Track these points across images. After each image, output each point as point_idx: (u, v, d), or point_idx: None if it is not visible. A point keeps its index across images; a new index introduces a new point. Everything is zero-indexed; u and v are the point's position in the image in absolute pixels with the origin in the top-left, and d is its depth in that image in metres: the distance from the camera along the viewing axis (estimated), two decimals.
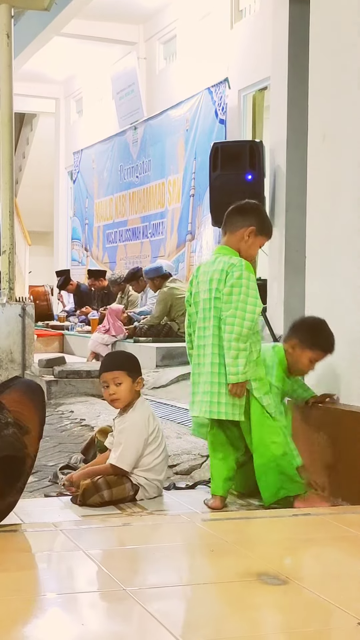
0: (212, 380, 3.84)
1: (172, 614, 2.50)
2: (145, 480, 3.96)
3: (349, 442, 3.97)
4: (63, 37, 13.38)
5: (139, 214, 13.70)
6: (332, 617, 2.46)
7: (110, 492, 3.85)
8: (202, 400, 3.88)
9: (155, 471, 4.00)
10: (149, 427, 3.99)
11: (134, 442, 3.93)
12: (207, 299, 3.90)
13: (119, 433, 3.99)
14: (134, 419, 3.99)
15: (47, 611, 2.51)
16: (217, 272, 3.88)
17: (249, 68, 10.58)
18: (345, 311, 4.12)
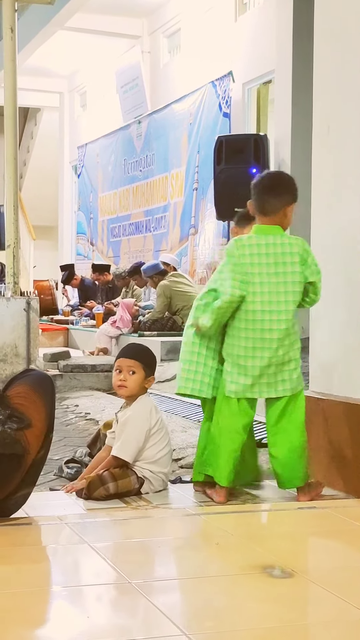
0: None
1: (178, 607, 2.51)
2: (150, 472, 3.96)
3: (355, 435, 3.97)
4: (67, 31, 13.37)
5: (142, 208, 13.70)
6: (338, 610, 2.46)
7: (115, 484, 3.86)
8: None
9: (160, 464, 4.00)
10: (151, 419, 3.99)
11: (134, 433, 3.93)
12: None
13: (121, 424, 4.00)
14: (136, 411, 3.99)
15: (53, 604, 2.51)
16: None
17: (253, 61, 10.56)
18: (351, 304, 4.11)
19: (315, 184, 4.39)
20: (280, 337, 3.81)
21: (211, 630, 2.29)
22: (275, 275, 3.81)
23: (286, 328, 3.82)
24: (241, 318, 3.85)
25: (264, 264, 3.81)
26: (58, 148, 17.98)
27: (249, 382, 3.82)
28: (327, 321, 4.26)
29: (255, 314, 3.81)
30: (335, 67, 4.23)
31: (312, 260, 3.87)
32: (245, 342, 3.82)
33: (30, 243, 16.83)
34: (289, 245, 3.85)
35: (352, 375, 4.11)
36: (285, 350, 3.83)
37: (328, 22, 4.29)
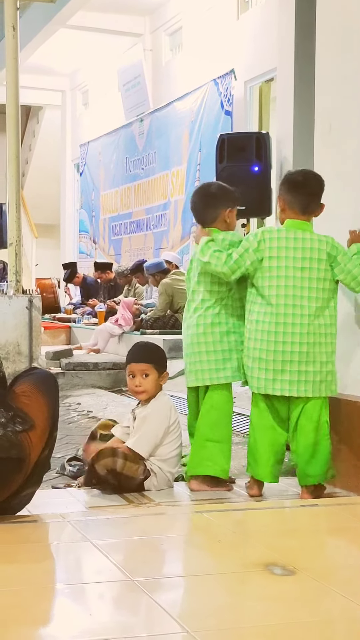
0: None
1: (180, 604, 2.51)
2: (159, 469, 3.97)
3: (358, 432, 3.97)
4: (69, 29, 13.35)
5: (143, 206, 13.69)
6: (341, 607, 2.47)
7: (124, 463, 3.84)
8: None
9: (170, 463, 4.01)
10: (171, 417, 4.00)
11: (154, 429, 3.94)
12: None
13: (140, 419, 3.99)
14: (156, 408, 4.00)
15: (56, 602, 2.52)
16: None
17: (255, 59, 10.56)
18: (355, 303, 4.12)
19: None
20: (302, 333, 3.79)
21: (213, 628, 2.30)
22: (301, 270, 3.82)
23: (309, 324, 3.80)
24: (260, 311, 3.84)
25: (291, 258, 3.82)
26: (60, 146, 17.97)
27: (270, 376, 3.81)
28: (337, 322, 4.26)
29: (278, 308, 3.80)
30: (336, 65, 4.23)
31: (345, 260, 3.85)
32: (268, 336, 3.81)
33: (32, 241, 16.85)
34: (317, 242, 3.86)
35: (356, 374, 4.11)
36: (309, 348, 3.81)
37: (330, 20, 4.29)
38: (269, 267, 3.82)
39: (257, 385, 3.85)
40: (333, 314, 3.87)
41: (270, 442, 3.87)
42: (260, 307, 3.84)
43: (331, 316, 3.86)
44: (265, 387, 3.84)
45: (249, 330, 3.89)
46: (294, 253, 3.82)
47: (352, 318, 4.14)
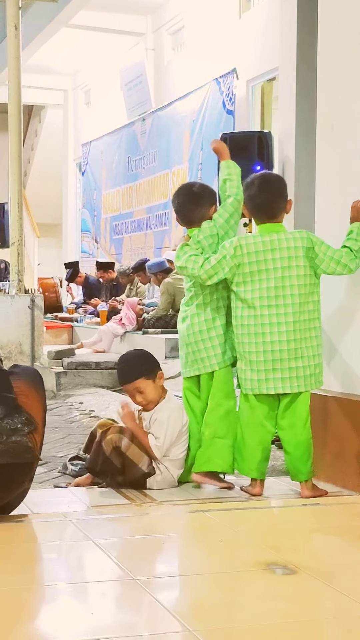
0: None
1: (182, 603, 2.51)
2: (165, 469, 3.97)
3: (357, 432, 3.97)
4: (71, 29, 13.35)
5: (143, 205, 13.69)
6: (341, 606, 2.47)
7: (129, 443, 3.87)
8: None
9: (177, 464, 4.03)
10: (184, 418, 4.03)
11: (172, 433, 3.97)
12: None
13: (157, 422, 3.98)
14: (170, 410, 4.01)
15: (57, 601, 2.52)
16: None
17: (257, 58, 10.55)
18: (356, 302, 4.11)
19: (319, 181, 4.39)
20: (287, 331, 3.85)
21: (215, 627, 2.30)
22: (281, 270, 3.87)
23: (293, 321, 3.86)
24: (244, 315, 3.91)
25: (269, 260, 3.88)
26: (62, 146, 17.97)
27: (262, 377, 3.88)
28: (332, 319, 4.26)
29: (261, 309, 3.87)
30: (339, 64, 4.23)
31: (324, 249, 3.89)
32: (255, 338, 3.88)
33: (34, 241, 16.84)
34: (292, 240, 3.92)
35: (357, 373, 4.11)
36: (296, 344, 3.86)
37: (332, 19, 4.29)
38: (250, 272, 3.89)
39: (251, 386, 3.92)
40: (316, 307, 3.95)
41: (259, 439, 3.95)
42: (243, 310, 3.92)
43: (314, 310, 3.93)
44: (259, 388, 3.90)
45: (237, 334, 3.97)
46: (271, 255, 3.89)
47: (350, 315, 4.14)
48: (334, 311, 4.24)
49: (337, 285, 4.22)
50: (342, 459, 4.07)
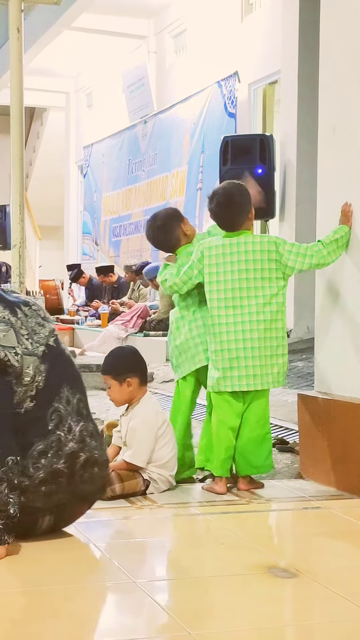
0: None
1: (182, 606, 2.51)
2: (158, 475, 3.97)
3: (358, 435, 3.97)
4: (73, 31, 13.37)
5: (141, 208, 13.70)
6: (342, 609, 2.47)
7: (122, 485, 3.87)
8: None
9: (168, 467, 4.01)
10: (158, 420, 4.01)
11: (146, 438, 3.94)
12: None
13: (130, 430, 4.00)
14: (142, 414, 4.00)
15: (57, 603, 2.52)
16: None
17: (259, 61, 10.56)
18: (356, 305, 4.12)
19: (320, 184, 4.39)
20: (244, 330, 3.99)
21: (215, 630, 2.30)
22: (240, 272, 4.00)
23: (250, 321, 3.99)
24: (208, 315, 4.09)
25: (228, 263, 4.03)
26: (64, 148, 17.98)
27: (221, 374, 4.01)
28: (332, 321, 4.26)
29: (219, 310, 4.03)
30: (340, 67, 4.23)
31: (288, 247, 4.02)
32: (216, 337, 4.03)
33: (36, 243, 16.84)
34: (259, 244, 4.06)
35: (356, 375, 4.11)
36: (253, 343, 3.99)
37: (334, 23, 4.30)
38: (209, 274, 4.05)
39: (211, 384, 4.05)
40: (280, 309, 4.05)
41: (228, 438, 4.04)
42: (209, 311, 4.08)
43: (277, 312, 4.04)
44: (218, 385, 4.02)
45: (208, 333, 4.11)
46: (230, 258, 4.03)
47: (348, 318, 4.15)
48: (331, 314, 4.24)
49: (337, 288, 4.22)
50: (343, 462, 4.07)
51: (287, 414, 5.50)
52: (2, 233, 14.44)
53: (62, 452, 2.99)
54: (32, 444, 2.96)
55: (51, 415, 3.01)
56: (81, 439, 3.04)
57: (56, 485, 2.97)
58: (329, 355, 4.30)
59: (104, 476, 3.19)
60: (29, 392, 3.00)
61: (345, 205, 4.07)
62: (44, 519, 3.05)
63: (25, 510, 2.92)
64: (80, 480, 3.03)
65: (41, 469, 2.95)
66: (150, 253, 12.90)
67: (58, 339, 3.17)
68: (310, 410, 4.31)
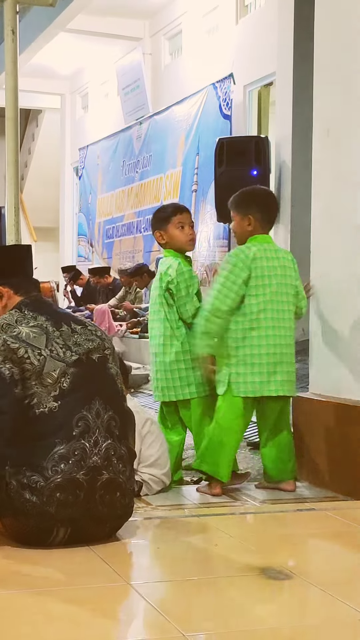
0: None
1: (176, 607, 2.51)
2: (149, 476, 3.97)
3: (355, 436, 3.97)
4: (68, 33, 13.37)
5: (134, 209, 13.70)
6: (336, 611, 2.47)
7: None
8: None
9: (159, 465, 4.01)
10: (139, 420, 3.99)
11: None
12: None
13: None
14: None
15: (52, 606, 2.51)
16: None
17: (254, 63, 10.57)
18: (352, 307, 4.12)
19: (315, 186, 4.39)
20: (288, 335, 4.04)
21: (210, 632, 2.30)
22: (283, 278, 4.07)
23: (290, 327, 4.06)
24: (252, 318, 4.01)
25: (272, 267, 4.05)
26: (59, 150, 17.98)
27: (265, 379, 3.99)
28: (327, 323, 4.27)
29: (268, 312, 4.02)
30: (335, 69, 4.24)
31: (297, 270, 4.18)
32: (258, 341, 3.99)
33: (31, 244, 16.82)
34: (284, 252, 4.18)
35: (351, 377, 4.12)
36: (290, 349, 4.05)
37: (328, 25, 4.30)
38: (255, 277, 4.02)
39: (252, 389, 4.00)
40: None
41: (236, 444, 4.07)
42: (248, 315, 4.02)
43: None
44: (261, 390, 4.00)
45: (237, 339, 4.02)
46: (273, 262, 4.08)
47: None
48: (326, 316, 4.25)
49: (332, 290, 4.23)
50: (338, 464, 4.08)
51: None
52: None
53: (84, 463, 2.95)
54: (54, 446, 2.93)
55: (77, 421, 2.98)
56: (107, 457, 2.99)
57: (73, 497, 2.92)
58: (323, 358, 4.30)
59: (127, 505, 3.09)
60: (52, 392, 2.98)
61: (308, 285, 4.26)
62: (59, 531, 2.98)
63: (37, 514, 2.91)
64: (100, 500, 2.98)
65: (60, 473, 2.91)
66: (143, 254, 12.91)
67: (107, 358, 3.15)
68: (305, 412, 4.31)
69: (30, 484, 2.90)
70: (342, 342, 4.16)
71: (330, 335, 4.24)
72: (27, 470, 2.91)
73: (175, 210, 4.37)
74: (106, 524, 3.04)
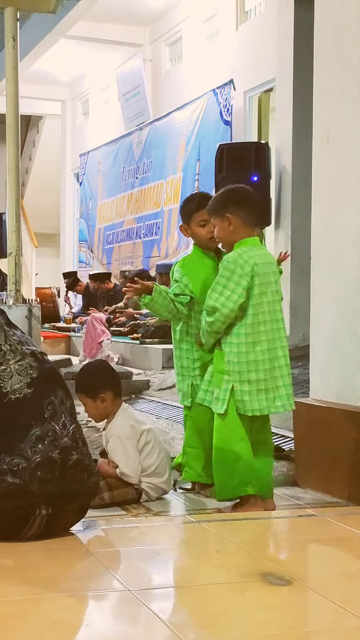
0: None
1: (177, 614, 2.51)
2: (148, 484, 3.97)
3: (355, 442, 3.97)
4: (69, 40, 13.40)
5: (134, 215, 13.72)
6: (337, 617, 2.46)
7: (111, 494, 3.87)
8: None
9: (158, 474, 4.01)
10: (135, 431, 3.99)
11: (126, 454, 3.95)
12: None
13: (110, 450, 4.02)
14: (116, 431, 4.01)
15: (52, 611, 2.51)
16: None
17: (254, 69, 10.59)
18: (351, 312, 4.12)
19: (315, 191, 4.40)
20: (285, 346, 3.81)
21: (210, 638, 2.30)
22: (275, 284, 3.83)
23: (285, 337, 3.83)
24: (254, 331, 3.75)
25: (270, 273, 3.80)
26: (60, 156, 18.01)
27: (271, 395, 3.75)
28: (327, 329, 4.27)
29: (268, 324, 3.77)
30: (334, 75, 4.25)
31: None
32: (262, 355, 3.73)
33: (32, 250, 16.85)
34: (271, 256, 3.92)
35: (351, 382, 4.12)
36: (288, 360, 3.80)
37: (328, 31, 4.31)
38: (259, 285, 3.74)
39: (259, 407, 3.73)
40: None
41: (248, 453, 3.77)
42: (251, 327, 3.74)
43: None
44: (268, 408, 3.75)
45: (236, 353, 3.75)
46: (271, 268, 3.80)
47: None
48: (326, 322, 4.25)
49: (333, 295, 4.23)
50: (338, 469, 4.07)
51: (282, 422, 5.50)
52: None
53: (57, 443, 3.10)
54: (30, 427, 3.08)
55: (47, 405, 3.14)
56: (74, 439, 3.15)
57: (50, 475, 3.07)
58: (324, 363, 4.30)
59: (93, 483, 3.25)
60: (24, 380, 3.14)
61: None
62: (40, 513, 3.07)
63: (20, 494, 3.01)
64: (71, 479, 3.12)
65: (38, 453, 3.05)
66: (142, 260, 12.91)
67: (52, 365, 3.31)
68: (306, 417, 4.31)
69: (12, 467, 3.03)
70: (342, 347, 4.16)
71: (331, 340, 4.23)
72: (6, 456, 3.04)
73: (198, 206, 4.11)
74: (78, 500, 3.20)
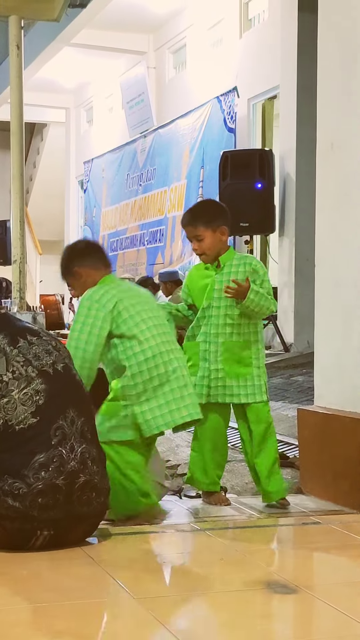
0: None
1: (182, 622, 2.50)
2: None
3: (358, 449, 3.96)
4: (73, 47, 13.44)
5: (137, 222, 13.74)
6: (342, 625, 2.45)
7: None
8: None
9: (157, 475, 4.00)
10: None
11: None
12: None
13: None
14: None
15: (54, 619, 2.51)
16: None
17: (258, 77, 10.61)
18: (355, 319, 4.12)
19: (319, 199, 4.40)
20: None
21: None
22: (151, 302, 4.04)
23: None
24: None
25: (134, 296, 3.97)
26: (64, 163, 18.04)
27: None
28: (332, 336, 4.26)
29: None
30: (338, 82, 4.25)
31: None
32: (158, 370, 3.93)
33: (36, 258, 16.86)
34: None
35: (356, 390, 4.11)
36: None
37: (332, 38, 4.32)
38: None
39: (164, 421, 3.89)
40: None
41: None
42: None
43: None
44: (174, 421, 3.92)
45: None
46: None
47: None
48: (331, 329, 4.25)
49: (337, 303, 4.23)
50: (343, 477, 4.06)
51: (287, 429, 5.49)
52: (3, 248, 14.47)
53: (63, 469, 3.08)
54: (34, 454, 3.06)
55: (55, 431, 3.12)
56: (82, 461, 3.13)
57: (53, 501, 3.05)
58: (329, 370, 4.29)
59: (102, 503, 3.23)
60: (30, 409, 3.12)
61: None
62: (42, 533, 3.07)
63: (21, 517, 3.01)
64: (77, 501, 3.11)
65: (40, 480, 3.04)
66: (146, 267, 12.91)
67: (69, 366, 3.30)
68: (310, 425, 4.30)
69: (13, 491, 3.02)
70: (346, 354, 4.15)
71: (335, 347, 4.23)
72: (9, 477, 3.04)
73: (182, 224, 4.28)
74: (85, 521, 3.19)
